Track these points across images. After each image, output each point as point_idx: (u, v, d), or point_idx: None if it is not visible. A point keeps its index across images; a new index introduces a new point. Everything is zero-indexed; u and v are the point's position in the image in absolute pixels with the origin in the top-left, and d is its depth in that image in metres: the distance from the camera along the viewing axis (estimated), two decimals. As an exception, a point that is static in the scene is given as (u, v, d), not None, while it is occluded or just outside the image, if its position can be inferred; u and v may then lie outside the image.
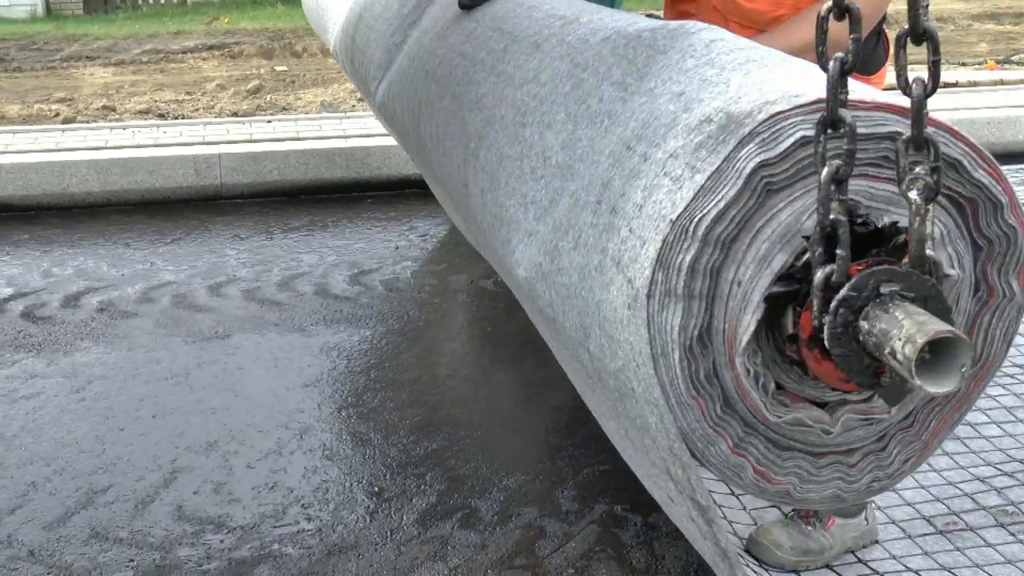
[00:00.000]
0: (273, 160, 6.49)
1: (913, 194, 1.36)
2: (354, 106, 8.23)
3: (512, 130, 2.32)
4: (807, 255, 1.46)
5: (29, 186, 6.23)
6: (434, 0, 3.50)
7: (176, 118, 7.98)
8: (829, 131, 1.42)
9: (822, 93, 1.50)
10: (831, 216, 1.40)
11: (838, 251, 1.40)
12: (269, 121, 7.40)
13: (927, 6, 1.44)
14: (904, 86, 1.41)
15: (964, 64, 9.83)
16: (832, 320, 1.38)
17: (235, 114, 8.06)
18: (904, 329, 1.29)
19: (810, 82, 1.59)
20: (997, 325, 1.63)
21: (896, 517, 3.00)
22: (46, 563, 2.94)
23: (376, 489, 3.29)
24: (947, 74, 8.87)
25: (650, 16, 2.54)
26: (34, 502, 3.23)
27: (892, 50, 1.45)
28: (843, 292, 1.37)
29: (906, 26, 1.40)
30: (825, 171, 1.39)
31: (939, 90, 1.45)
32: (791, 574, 2.75)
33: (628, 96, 1.93)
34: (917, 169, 1.38)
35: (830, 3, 1.45)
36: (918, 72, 1.49)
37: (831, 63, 1.41)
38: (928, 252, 1.39)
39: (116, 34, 13.19)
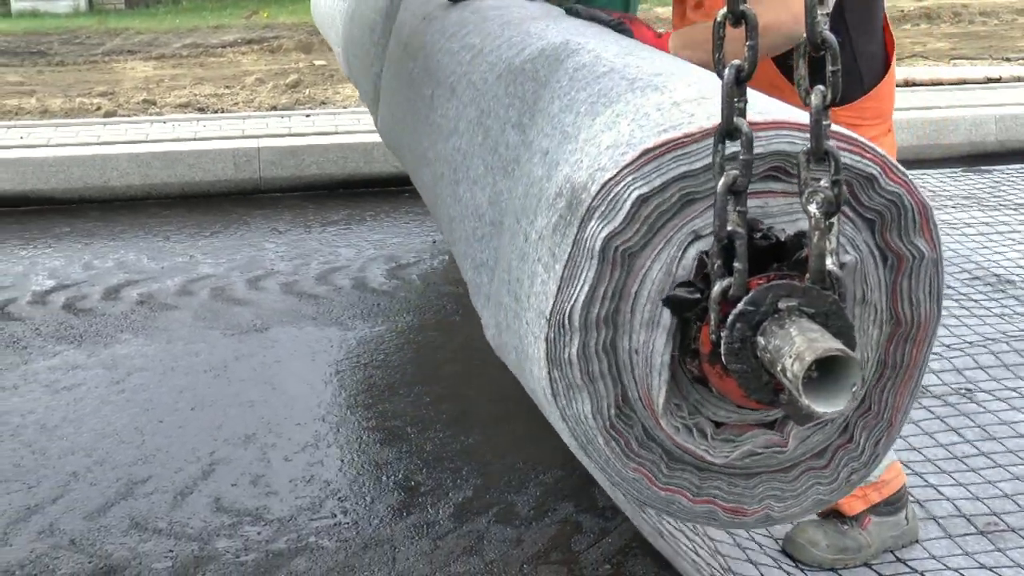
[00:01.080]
0: (312, 154, 6.51)
1: (812, 208, 1.32)
2: (392, 100, 8.23)
3: (451, 188, 2.30)
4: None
5: (71, 179, 6.29)
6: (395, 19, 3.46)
7: (216, 112, 8.03)
8: (726, 141, 1.39)
9: (654, 134, 1.48)
10: (728, 228, 1.36)
11: (735, 264, 1.36)
12: (308, 115, 7.43)
13: (827, 14, 1.39)
14: (803, 97, 1.38)
15: (1008, 60, 9.71)
16: (729, 335, 1.34)
17: (274, 108, 8.10)
18: (795, 346, 1.26)
19: (647, 123, 1.56)
20: (918, 287, 1.58)
21: (936, 514, 2.97)
22: (87, 552, 2.97)
23: (412, 483, 3.30)
24: (990, 69, 8.77)
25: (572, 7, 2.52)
26: (75, 492, 3.26)
27: (795, 61, 1.40)
28: (740, 306, 1.34)
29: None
30: (721, 181, 1.36)
31: (982, 85, 1.42)
32: (829, 573, 2.74)
33: (527, 139, 1.92)
34: (821, 181, 1.34)
35: (725, 9, 1.41)
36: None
37: (726, 71, 1.37)
38: (830, 267, 1.35)
39: (157, 28, 13.29)
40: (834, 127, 1.44)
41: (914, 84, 8.38)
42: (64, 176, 6.28)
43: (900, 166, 1.55)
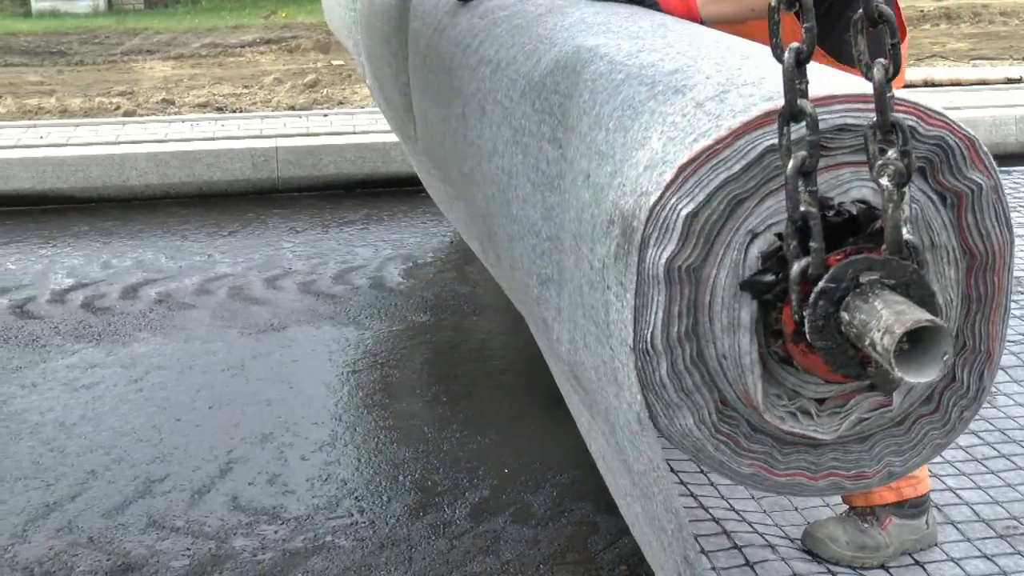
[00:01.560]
0: (329, 154, 6.53)
1: (884, 180, 1.33)
2: (410, 100, 8.24)
3: (504, 209, 2.29)
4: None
5: (90, 178, 6.32)
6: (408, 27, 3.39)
7: (234, 111, 8.05)
8: (792, 124, 1.38)
9: (686, 147, 1.47)
10: (801, 208, 1.37)
11: (812, 243, 1.36)
12: (326, 115, 7.44)
13: None
14: (864, 71, 1.37)
15: (1028, 59, 9.67)
16: (812, 313, 1.34)
17: (292, 108, 8.12)
18: (883, 319, 1.25)
19: (676, 134, 1.54)
20: (984, 217, 1.56)
21: (954, 518, 2.95)
22: (105, 550, 2.98)
23: (428, 483, 3.30)
24: (1010, 69, 8.73)
25: None
26: (93, 490, 3.27)
27: (851, 34, 1.40)
28: (821, 284, 1.34)
29: (860, 10, 1.37)
30: (791, 164, 1.36)
31: (1002, 85, 1.41)
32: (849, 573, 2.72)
33: (565, 155, 1.92)
34: (890, 153, 1.34)
35: None
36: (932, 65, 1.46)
37: (786, 54, 1.37)
38: (906, 236, 1.35)
39: (175, 28, 13.34)
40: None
41: (933, 84, 8.35)
42: (83, 175, 6.31)
43: (935, 108, 1.54)
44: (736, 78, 1.61)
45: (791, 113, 1.38)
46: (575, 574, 2.85)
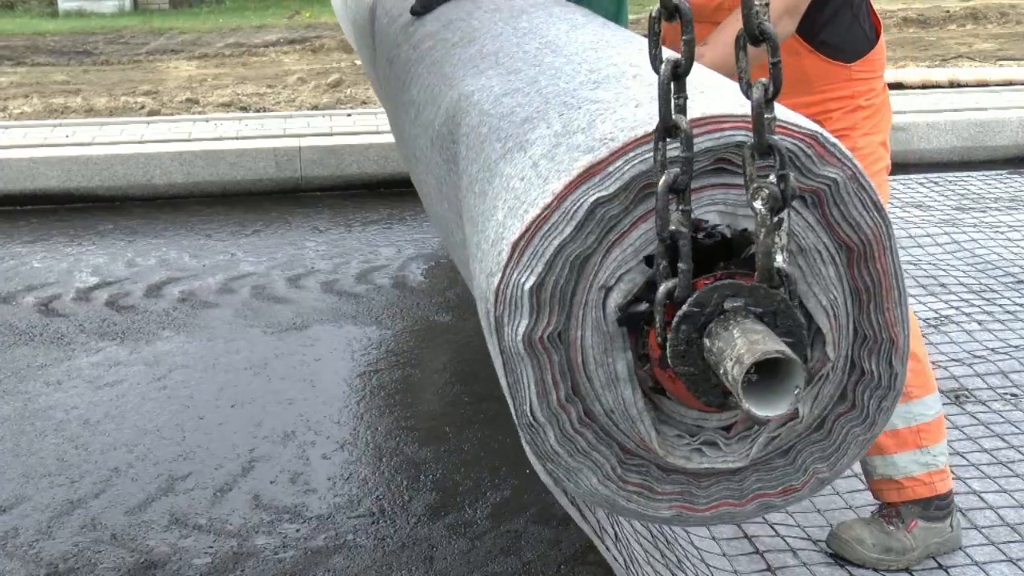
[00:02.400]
0: (352, 153, 6.54)
1: (758, 204, 1.28)
2: (432, 100, 8.24)
3: (459, 253, 2.29)
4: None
5: (115, 177, 6.35)
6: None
7: (258, 111, 8.08)
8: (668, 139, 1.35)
9: (519, 219, 1.44)
10: (671, 227, 1.32)
11: (680, 264, 1.32)
12: (349, 114, 7.46)
13: (766, 5, 1.35)
14: (744, 90, 1.33)
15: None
16: (675, 337, 1.31)
17: (315, 107, 8.14)
18: (736, 348, 1.22)
19: (514, 203, 1.52)
20: (849, 209, 1.50)
21: (978, 523, 2.93)
22: (128, 547, 2.99)
23: (450, 483, 3.30)
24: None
25: None
26: (117, 487, 3.29)
27: (735, 53, 1.37)
28: (685, 308, 1.31)
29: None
30: (662, 180, 1.31)
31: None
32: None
33: (466, 197, 1.91)
34: (771, 177, 1.30)
35: (659, 6, 1.37)
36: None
37: (662, 67, 1.33)
38: (779, 264, 1.31)
39: (200, 28, 13.40)
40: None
41: (959, 85, 8.29)
42: (108, 174, 6.34)
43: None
44: (571, 124, 1.57)
45: (665, 128, 1.34)
46: (596, 575, 2.85)
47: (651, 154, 1.39)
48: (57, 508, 3.18)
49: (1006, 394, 3.64)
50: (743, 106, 1.45)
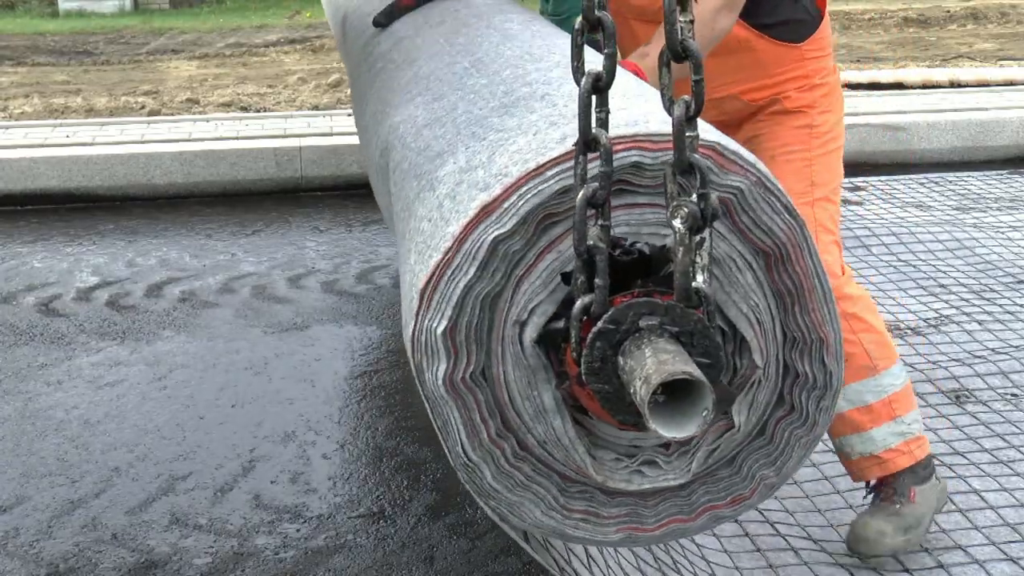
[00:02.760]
0: (353, 153, 6.54)
1: (677, 222, 1.27)
2: (433, 100, 8.24)
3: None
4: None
5: (115, 177, 6.35)
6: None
7: (258, 111, 8.08)
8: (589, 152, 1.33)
9: (425, 264, 1.44)
10: (588, 242, 1.30)
11: (596, 280, 1.30)
12: (350, 114, 7.45)
13: (690, 21, 1.33)
14: (667, 107, 1.31)
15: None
16: (589, 354, 1.29)
17: (316, 107, 8.14)
18: (645, 368, 1.21)
19: (423, 246, 1.51)
20: (759, 214, 1.49)
21: (979, 522, 2.93)
22: (128, 547, 2.99)
23: (450, 483, 3.30)
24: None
25: None
26: (117, 487, 3.29)
27: (658, 70, 1.36)
28: (600, 325, 1.29)
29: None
30: (580, 194, 1.30)
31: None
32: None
33: (396, 236, 1.91)
34: (693, 196, 1.28)
35: (581, 18, 1.35)
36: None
37: (583, 80, 1.31)
38: (699, 284, 1.29)
39: (200, 28, 13.40)
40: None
41: (960, 85, 8.29)
42: (108, 174, 6.35)
43: (657, 131, 1.47)
44: (474, 158, 1.56)
45: (584, 142, 1.32)
46: (596, 575, 2.84)
47: (546, 185, 1.39)
48: (58, 508, 3.18)
49: (1007, 394, 3.64)
50: (646, 124, 1.44)
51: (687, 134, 1.29)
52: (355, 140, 6.57)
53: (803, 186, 2.58)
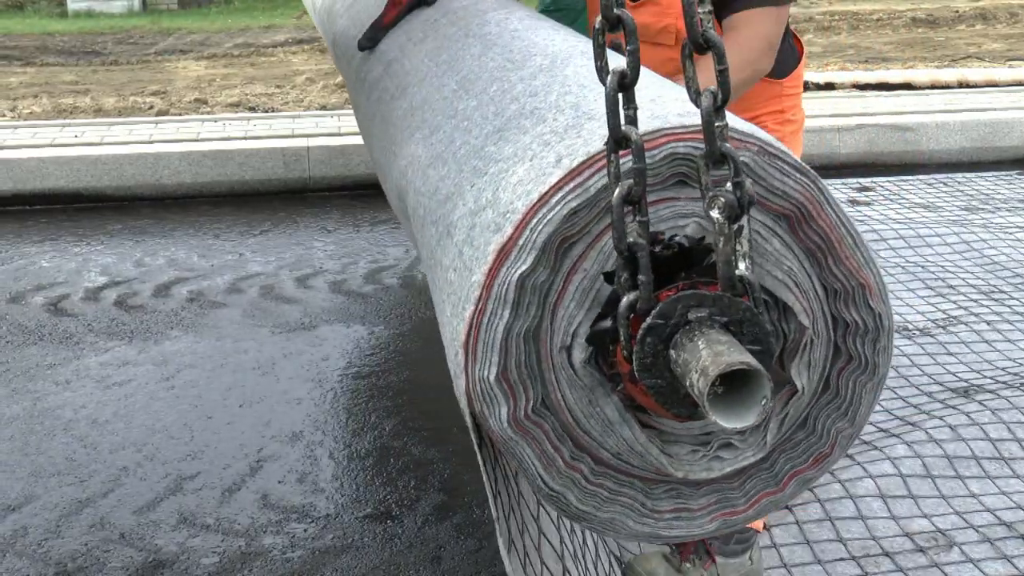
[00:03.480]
0: (361, 153, 6.54)
1: (715, 213, 1.27)
2: (441, 100, 8.26)
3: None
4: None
5: (123, 177, 6.37)
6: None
7: (266, 111, 8.09)
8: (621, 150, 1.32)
9: (464, 310, 1.44)
10: (628, 239, 1.30)
11: (640, 276, 1.31)
12: (357, 115, 7.46)
13: (710, 12, 1.33)
14: (693, 99, 1.31)
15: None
16: (640, 350, 1.29)
17: (324, 107, 8.15)
18: (701, 360, 1.21)
19: (456, 291, 1.51)
20: (770, 180, 1.46)
21: (975, 523, 2.93)
22: (136, 546, 3.00)
23: (457, 483, 3.30)
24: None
25: None
26: (125, 486, 3.30)
27: (682, 62, 1.36)
28: (649, 320, 1.29)
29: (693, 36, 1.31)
30: (616, 193, 1.30)
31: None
32: None
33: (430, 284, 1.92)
34: (727, 185, 1.28)
35: (600, 17, 1.35)
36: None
37: (608, 77, 1.31)
38: (742, 272, 1.29)
39: (209, 28, 13.42)
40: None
41: (969, 85, 8.28)
42: (117, 174, 6.36)
43: (649, 127, 1.45)
44: (481, 197, 1.56)
45: (614, 140, 1.31)
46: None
47: (553, 212, 1.39)
48: (66, 507, 3.19)
49: (1015, 395, 3.63)
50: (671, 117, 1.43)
51: (716, 123, 1.30)
52: (362, 140, 6.59)
53: None
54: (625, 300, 1.32)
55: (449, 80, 2.11)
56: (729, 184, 1.29)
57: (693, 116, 1.41)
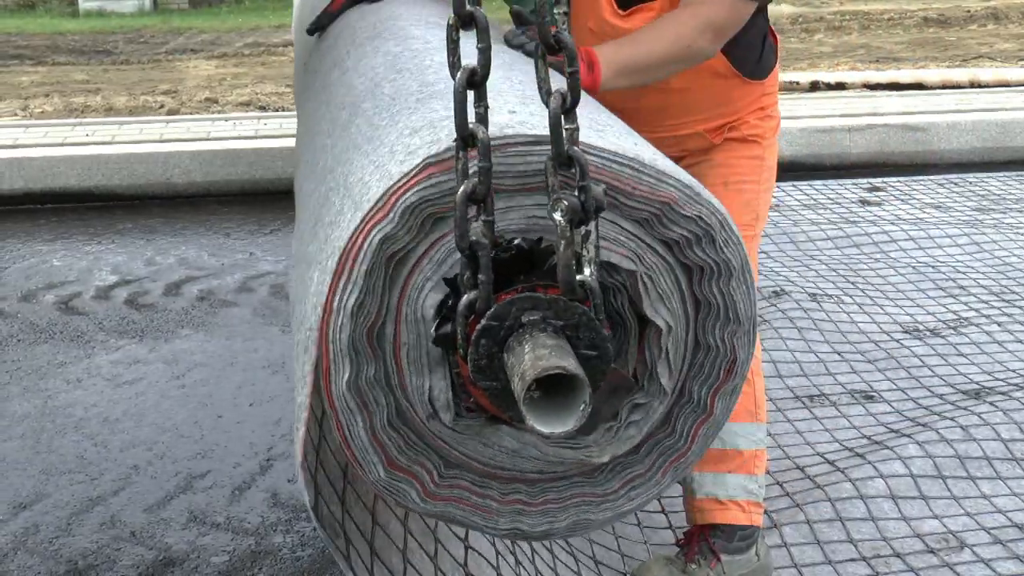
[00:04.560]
0: (370, 153, 6.55)
1: (557, 216, 1.25)
2: (451, 100, 8.27)
3: None
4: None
5: (134, 176, 6.38)
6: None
7: (276, 110, 8.10)
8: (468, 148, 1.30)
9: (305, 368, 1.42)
10: (470, 238, 1.28)
11: (480, 276, 1.29)
12: (367, 114, 7.47)
13: (565, 12, 1.30)
14: (544, 99, 1.30)
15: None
16: (475, 352, 1.28)
17: (334, 107, 8.15)
18: (523, 364, 1.19)
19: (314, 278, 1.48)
20: (637, 183, 1.43)
21: (987, 524, 2.92)
22: (146, 544, 3.01)
23: (467, 481, 3.31)
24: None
25: None
26: (136, 485, 3.31)
27: (535, 63, 1.34)
28: (484, 322, 1.27)
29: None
30: (460, 190, 1.28)
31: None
32: None
33: None
34: (575, 189, 1.26)
35: (453, 14, 1.32)
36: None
37: (458, 75, 1.29)
38: (585, 277, 1.27)
39: (219, 28, 13.45)
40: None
41: (979, 85, 8.26)
42: (128, 173, 6.38)
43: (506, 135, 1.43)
44: (321, 259, 1.51)
45: (462, 137, 1.29)
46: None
47: (358, 272, 1.37)
48: (77, 505, 3.20)
49: (1026, 396, 3.62)
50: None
51: (565, 126, 1.28)
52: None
53: (750, 218, 2.52)
54: (464, 300, 1.31)
55: (340, 113, 2.01)
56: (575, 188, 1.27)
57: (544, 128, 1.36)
